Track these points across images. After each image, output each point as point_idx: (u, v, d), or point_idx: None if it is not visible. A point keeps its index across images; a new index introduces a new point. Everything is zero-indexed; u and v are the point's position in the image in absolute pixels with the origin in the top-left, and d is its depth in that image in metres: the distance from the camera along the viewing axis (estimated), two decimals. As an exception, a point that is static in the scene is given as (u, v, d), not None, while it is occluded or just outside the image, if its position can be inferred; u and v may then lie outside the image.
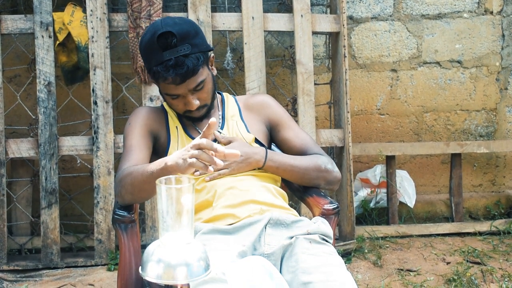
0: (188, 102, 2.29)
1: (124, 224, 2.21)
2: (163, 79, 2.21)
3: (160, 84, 2.28)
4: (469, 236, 4.27)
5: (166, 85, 2.24)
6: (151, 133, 2.37)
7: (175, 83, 2.22)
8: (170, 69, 2.18)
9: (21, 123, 3.95)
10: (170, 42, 2.18)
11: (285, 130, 2.51)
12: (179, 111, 2.36)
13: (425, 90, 4.50)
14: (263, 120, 2.52)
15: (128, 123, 2.39)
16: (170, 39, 2.18)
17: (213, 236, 2.08)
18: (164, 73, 2.19)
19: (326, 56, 4.28)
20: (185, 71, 2.19)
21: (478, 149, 4.38)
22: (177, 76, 2.19)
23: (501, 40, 4.52)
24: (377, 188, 4.37)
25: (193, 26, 2.29)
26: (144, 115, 2.41)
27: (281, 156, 2.41)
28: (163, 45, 2.18)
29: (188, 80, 2.22)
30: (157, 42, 2.18)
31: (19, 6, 3.94)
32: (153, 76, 2.26)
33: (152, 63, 2.23)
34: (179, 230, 1.40)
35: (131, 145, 2.30)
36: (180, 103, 2.31)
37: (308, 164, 2.41)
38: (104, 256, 3.70)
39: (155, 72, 2.22)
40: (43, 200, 3.64)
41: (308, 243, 2.07)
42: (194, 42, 2.23)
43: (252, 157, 2.33)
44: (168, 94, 2.29)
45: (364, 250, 3.96)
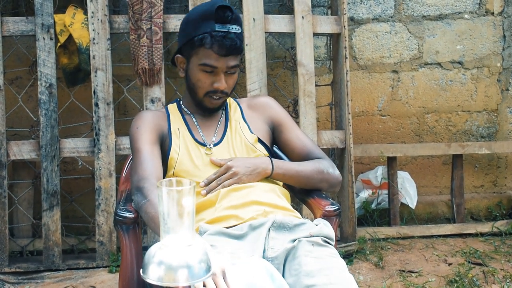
0: (219, 79, 2.32)
1: (126, 225, 2.22)
2: (209, 45, 2.25)
3: (200, 52, 2.30)
4: (470, 237, 4.26)
5: (209, 53, 2.27)
6: (158, 138, 2.37)
7: (220, 54, 2.26)
8: (219, 38, 2.24)
9: (22, 125, 3.95)
10: (227, 17, 2.26)
11: (287, 131, 2.53)
12: (202, 89, 2.35)
13: (426, 91, 4.50)
14: (266, 120, 2.53)
15: (136, 126, 2.38)
16: (227, 14, 2.26)
17: (220, 238, 2.07)
18: (213, 39, 2.24)
19: (327, 58, 4.28)
20: (233, 45, 2.26)
21: (480, 150, 4.38)
22: (224, 46, 2.25)
23: (502, 41, 4.52)
24: (378, 189, 4.37)
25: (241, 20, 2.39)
26: (151, 120, 2.40)
27: (285, 163, 2.44)
28: (219, 17, 2.25)
29: (231, 56, 2.28)
30: (214, 12, 2.24)
31: (20, 8, 3.94)
32: (198, 43, 2.28)
33: (200, 30, 2.27)
34: (180, 232, 1.40)
35: (146, 150, 2.29)
36: (210, 79, 2.32)
37: (312, 169, 2.43)
38: (106, 258, 3.70)
39: (202, 38, 2.26)
40: (45, 202, 3.64)
41: (311, 245, 2.07)
42: (241, 29, 2.34)
43: (260, 167, 2.35)
44: (206, 65, 2.30)
45: (366, 252, 3.96)
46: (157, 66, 3.62)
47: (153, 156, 2.27)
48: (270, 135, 2.53)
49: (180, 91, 3.96)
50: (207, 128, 2.45)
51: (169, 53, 4.07)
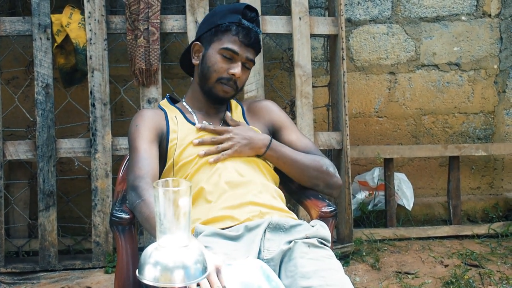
0: (236, 66, 2.38)
1: (122, 226, 2.21)
2: (235, 32, 2.37)
3: (225, 38, 2.39)
4: (467, 239, 4.26)
5: (234, 39, 2.38)
6: (157, 136, 2.37)
7: (244, 42, 2.38)
8: (246, 28, 2.37)
9: (19, 125, 3.94)
10: (252, 17, 2.42)
11: (288, 133, 2.54)
12: (218, 73, 2.40)
13: (423, 92, 4.50)
14: (267, 124, 2.55)
15: (135, 124, 2.38)
16: (253, 14, 2.43)
17: (215, 239, 2.07)
18: (240, 28, 2.37)
19: (324, 59, 4.28)
20: (257, 39, 2.40)
21: (476, 152, 4.38)
22: (249, 36, 2.38)
23: (499, 43, 4.52)
24: (375, 191, 4.36)
25: None
26: (151, 118, 2.41)
27: (284, 148, 2.45)
28: (245, 14, 2.40)
29: (252, 48, 2.40)
30: (242, 9, 2.40)
31: (17, 8, 3.94)
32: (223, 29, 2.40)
33: (227, 19, 2.40)
34: (176, 232, 1.40)
35: (144, 149, 2.28)
36: (227, 64, 2.39)
37: (310, 162, 2.44)
38: (102, 259, 3.70)
39: (229, 25, 2.38)
40: (41, 203, 3.63)
41: (307, 247, 2.07)
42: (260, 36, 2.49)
43: (255, 142, 2.38)
44: (228, 49, 2.38)
45: (362, 253, 3.96)
46: (154, 66, 3.61)
47: (150, 155, 2.26)
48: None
49: (177, 92, 3.96)
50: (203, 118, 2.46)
51: (166, 54, 4.07)
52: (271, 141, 2.41)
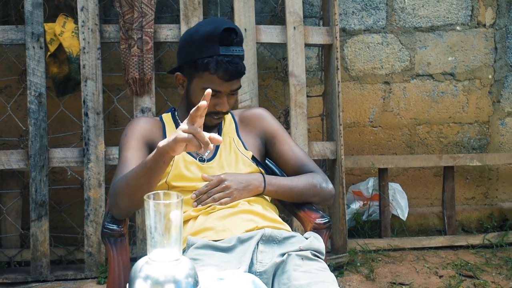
0: (222, 102, 2.33)
1: (114, 238, 2.20)
2: (214, 70, 2.25)
3: (205, 76, 2.29)
4: (461, 249, 4.26)
5: (213, 78, 2.27)
6: (147, 144, 2.36)
7: (224, 79, 2.27)
8: (224, 63, 2.24)
9: (11, 135, 3.92)
10: (232, 40, 2.26)
11: (280, 143, 2.51)
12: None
13: (418, 102, 4.50)
14: (259, 133, 2.52)
15: (125, 133, 2.38)
16: (232, 36, 2.26)
17: (206, 251, 2.05)
18: (218, 65, 2.24)
19: (318, 68, 4.27)
20: (238, 70, 2.27)
21: (471, 162, 4.38)
22: (229, 72, 2.25)
23: (494, 53, 4.52)
24: (369, 201, 4.35)
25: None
26: (141, 126, 2.39)
27: (278, 179, 2.41)
28: (223, 40, 2.25)
29: (234, 80, 2.30)
30: (219, 35, 2.23)
31: (10, 17, 3.92)
32: (201, 67, 2.28)
33: (204, 53, 2.26)
34: (167, 246, 1.39)
35: (126, 157, 2.28)
36: (212, 101, 2.30)
37: (304, 184, 2.41)
38: (94, 269, 3.67)
39: (207, 62, 2.25)
40: (33, 212, 3.61)
41: (300, 259, 2.05)
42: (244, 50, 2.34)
43: (252, 183, 2.33)
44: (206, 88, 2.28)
45: (357, 263, 3.94)
46: (147, 75, 3.60)
47: (133, 163, 2.24)
48: (262, 151, 2.53)
49: (171, 101, 3.94)
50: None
51: (159, 63, 4.06)
52: (265, 177, 2.37)
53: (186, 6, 3.70)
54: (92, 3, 3.61)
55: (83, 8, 3.60)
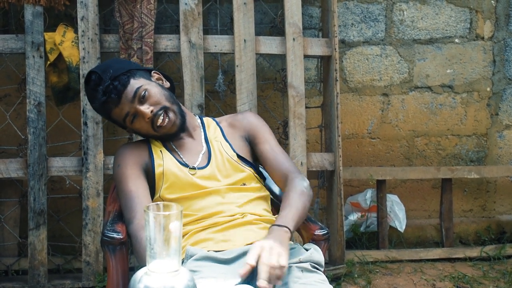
0: (141, 114, 2.33)
1: (113, 246, 2.20)
2: (108, 109, 2.35)
3: (114, 118, 2.39)
4: (459, 262, 4.25)
5: (114, 112, 2.36)
6: (142, 170, 2.37)
7: (115, 104, 2.32)
8: (102, 96, 2.30)
9: (10, 143, 3.92)
10: (95, 78, 2.33)
11: (262, 143, 2.52)
12: (149, 130, 2.38)
13: (416, 114, 4.51)
14: (243, 134, 2.53)
15: (117, 165, 2.38)
16: (94, 77, 2.34)
17: (205, 263, 2.05)
18: (101, 102, 2.32)
19: (317, 80, 4.28)
20: (113, 88, 2.29)
21: (469, 174, 4.38)
22: (111, 97, 2.30)
23: (492, 65, 4.53)
24: (367, 212, 4.35)
25: (116, 59, 2.55)
26: (130, 153, 2.41)
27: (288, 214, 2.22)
28: (93, 86, 2.33)
29: (123, 94, 2.31)
30: (87, 87, 2.36)
31: (10, 26, 3.92)
32: (106, 116, 2.42)
33: (100, 110, 2.41)
34: (167, 257, 1.39)
35: (130, 191, 2.29)
36: (141, 122, 2.35)
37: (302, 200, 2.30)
38: (92, 279, 3.66)
39: (101, 110, 2.39)
40: (31, 221, 3.60)
41: (300, 272, 2.05)
42: (117, 67, 2.36)
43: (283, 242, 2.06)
44: (124, 120, 2.36)
45: (354, 275, 3.94)
46: (147, 86, 3.60)
47: (138, 194, 2.28)
48: (249, 150, 2.52)
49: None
50: (188, 152, 2.43)
51: (159, 73, 4.06)
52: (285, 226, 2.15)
53: (186, 16, 3.71)
54: (92, 13, 3.62)
55: (83, 18, 3.61)
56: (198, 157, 2.42)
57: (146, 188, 2.32)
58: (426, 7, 4.41)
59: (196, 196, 2.30)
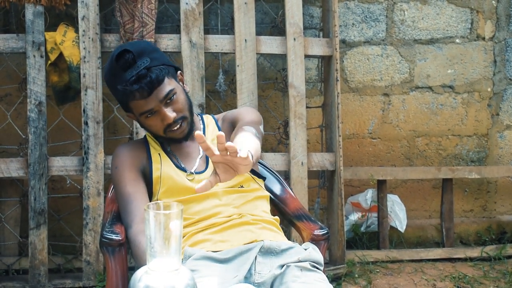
0: (163, 116, 2.27)
1: (112, 247, 2.20)
2: (132, 97, 2.23)
3: (131, 106, 2.29)
4: (459, 262, 4.25)
5: (136, 102, 2.25)
6: (140, 172, 2.36)
7: (143, 97, 2.23)
8: (134, 83, 2.20)
9: (11, 143, 3.92)
10: (129, 59, 2.21)
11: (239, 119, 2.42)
12: (160, 131, 2.33)
13: (417, 114, 4.50)
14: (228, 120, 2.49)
15: (115, 166, 2.37)
16: (127, 56, 2.21)
17: (204, 262, 2.05)
18: (130, 89, 2.21)
19: (318, 80, 4.28)
20: (149, 81, 2.21)
21: (470, 175, 4.38)
22: (142, 88, 2.21)
23: (493, 66, 4.53)
24: (368, 212, 4.35)
25: (149, 44, 2.36)
26: (128, 155, 2.39)
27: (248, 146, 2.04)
28: (123, 65, 2.21)
29: (155, 90, 2.23)
30: (116, 63, 2.22)
31: (11, 25, 3.93)
32: (123, 99, 2.29)
33: (119, 89, 2.24)
34: (167, 256, 1.39)
35: (128, 194, 2.28)
36: (157, 120, 2.29)
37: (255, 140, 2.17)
38: (92, 278, 3.67)
39: (122, 93, 2.24)
40: (32, 221, 3.60)
41: (299, 271, 2.05)
42: (153, 56, 2.27)
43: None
44: (142, 113, 2.28)
45: (355, 275, 3.94)
46: (147, 85, 3.60)
47: (136, 196, 2.27)
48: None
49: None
50: (186, 156, 2.41)
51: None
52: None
53: (187, 16, 3.71)
54: (93, 13, 3.62)
55: (83, 18, 3.61)
56: (196, 161, 2.40)
57: (144, 190, 2.31)
58: (427, 7, 4.41)
59: (193, 200, 2.29)
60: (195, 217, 2.25)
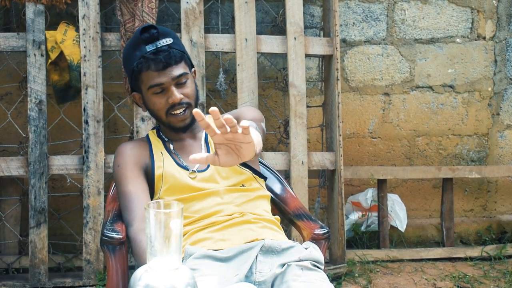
0: (171, 94, 2.29)
1: (113, 245, 2.20)
2: (146, 67, 2.26)
3: (142, 77, 2.30)
4: (460, 261, 4.25)
5: (149, 73, 2.27)
6: (142, 170, 2.36)
7: (158, 69, 2.26)
8: (152, 55, 2.25)
9: (11, 141, 3.92)
10: (153, 35, 2.26)
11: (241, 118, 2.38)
12: (162, 110, 2.33)
13: (417, 114, 4.50)
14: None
15: (117, 164, 2.37)
16: (151, 32, 2.27)
17: (204, 261, 2.05)
18: (146, 60, 2.25)
19: (318, 79, 4.28)
20: (167, 55, 2.26)
21: (470, 174, 4.38)
22: (160, 60, 2.25)
23: (494, 65, 4.53)
24: (368, 212, 4.35)
25: (174, 32, 2.39)
26: (130, 153, 2.38)
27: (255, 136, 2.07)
28: (146, 38, 2.26)
29: (170, 67, 2.26)
30: (139, 35, 2.26)
31: (11, 24, 3.93)
32: (136, 70, 2.30)
33: (135, 59, 2.28)
34: (167, 255, 1.39)
35: (130, 192, 2.28)
36: (163, 98, 2.31)
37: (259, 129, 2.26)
38: (93, 277, 3.67)
39: (138, 63, 2.27)
40: (32, 219, 3.60)
41: (300, 270, 2.05)
42: (176, 41, 2.33)
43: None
44: (151, 87, 2.29)
45: (355, 274, 3.94)
46: (148, 84, 3.60)
47: (137, 195, 2.27)
48: None
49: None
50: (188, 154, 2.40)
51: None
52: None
53: (187, 15, 3.71)
54: (93, 12, 3.62)
55: (84, 16, 3.61)
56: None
57: (145, 189, 2.31)
58: (428, 6, 4.41)
59: (195, 198, 2.29)
60: (196, 215, 2.25)
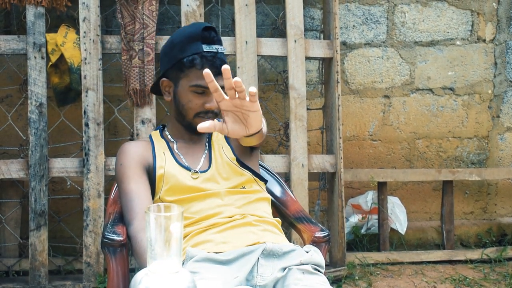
0: (210, 100, 2.32)
1: (113, 248, 2.20)
2: (200, 66, 2.27)
3: (189, 73, 2.31)
4: (460, 264, 4.25)
5: (199, 73, 2.28)
6: (144, 170, 2.36)
7: (216, 70, 2.24)
8: (210, 58, 2.28)
9: (11, 144, 3.92)
10: (212, 38, 2.31)
11: None
12: (193, 110, 2.35)
13: (418, 116, 4.51)
14: None
15: (120, 163, 2.37)
16: (212, 35, 2.32)
17: (205, 264, 2.05)
18: (204, 60, 2.27)
19: (319, 81, 4.28)
20: (221, 63, 2.29)
21: (470, 177, 4.38)
22: (215, 66, 2.26)
23: (494, 68, 4.53)
24: (368, 214, 4.35)
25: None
26: (133, 152, 2.38)
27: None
28: (205, 38, 2.30)
29: (220, 75, 2.24)
30: (201, 33, 2.29)
31: (12, 27, 3.93)
32: (187, 65, 2.30)
33: (188, 52, 2.29)
34: (168, 258, 1.39)
35: (131, 190, 2.28)
36: (201, 100, 2.33)
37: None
38: (93, 280, 3.66)
39: (192, 59, 2.28)
40: (32, 222, 3.60)
41: (301, 273, 2.05)
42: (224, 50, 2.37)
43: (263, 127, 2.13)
44: (198, 86, 2.30)
45: (355, 277, 3.94)
46: (148, 87, 3.61)
47: (139, 194, 2.27)
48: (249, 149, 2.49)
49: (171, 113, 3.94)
50: (191, 155, 2.42)
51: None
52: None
53: (188, 18, 3.71)
54: (94, 14, 3.62)
55: (84, 19, 3.61)
56: (200, 160, 2.41)
57: (147, 188, 2.31)
58: (428, 9, 4.42)
59: (196, 198, 2.29)
60: (196, 216, 2.25)
